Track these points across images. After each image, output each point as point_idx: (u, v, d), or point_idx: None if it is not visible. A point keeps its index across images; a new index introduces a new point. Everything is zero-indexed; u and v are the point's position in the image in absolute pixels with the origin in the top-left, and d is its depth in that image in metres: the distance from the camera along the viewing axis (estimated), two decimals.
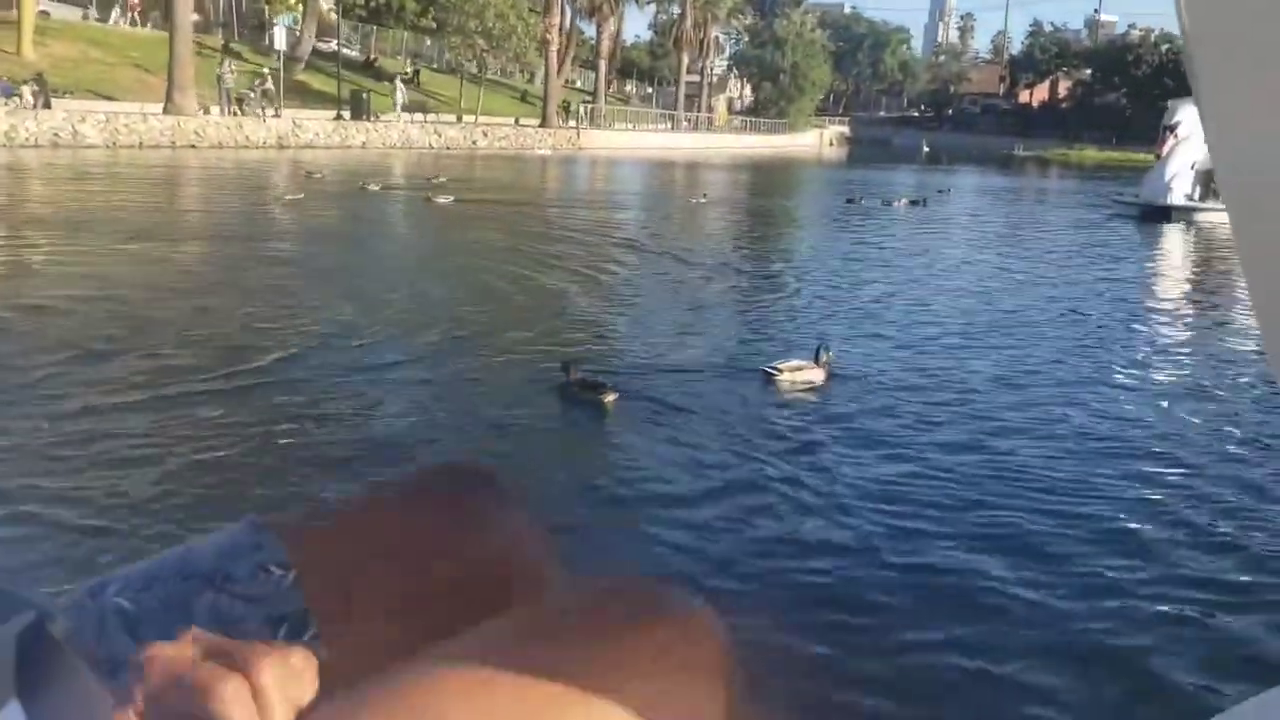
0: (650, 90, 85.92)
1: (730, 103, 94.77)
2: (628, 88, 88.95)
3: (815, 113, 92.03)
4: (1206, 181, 23.57)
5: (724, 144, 66.89)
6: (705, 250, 17.15)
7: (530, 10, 46.94)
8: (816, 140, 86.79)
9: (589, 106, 56.39)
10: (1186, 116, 23.09)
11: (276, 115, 34.25)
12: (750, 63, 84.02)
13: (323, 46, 57.85)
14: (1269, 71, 0.45)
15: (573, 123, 51.02)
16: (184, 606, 0.74)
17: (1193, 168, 23.75)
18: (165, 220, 15.74)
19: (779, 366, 7.92)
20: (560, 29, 68.37)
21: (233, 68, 34.43)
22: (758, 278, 14.41)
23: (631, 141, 54.56)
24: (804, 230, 22.98)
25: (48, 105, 30.81)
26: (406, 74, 54.55)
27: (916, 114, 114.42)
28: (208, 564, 0.79)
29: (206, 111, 32.53)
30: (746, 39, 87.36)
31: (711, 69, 78.94)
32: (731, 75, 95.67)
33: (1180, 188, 24.38)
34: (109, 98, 34.04)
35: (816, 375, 7.96)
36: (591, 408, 7.08)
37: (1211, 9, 0.47)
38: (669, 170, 41.92)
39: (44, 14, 43.35)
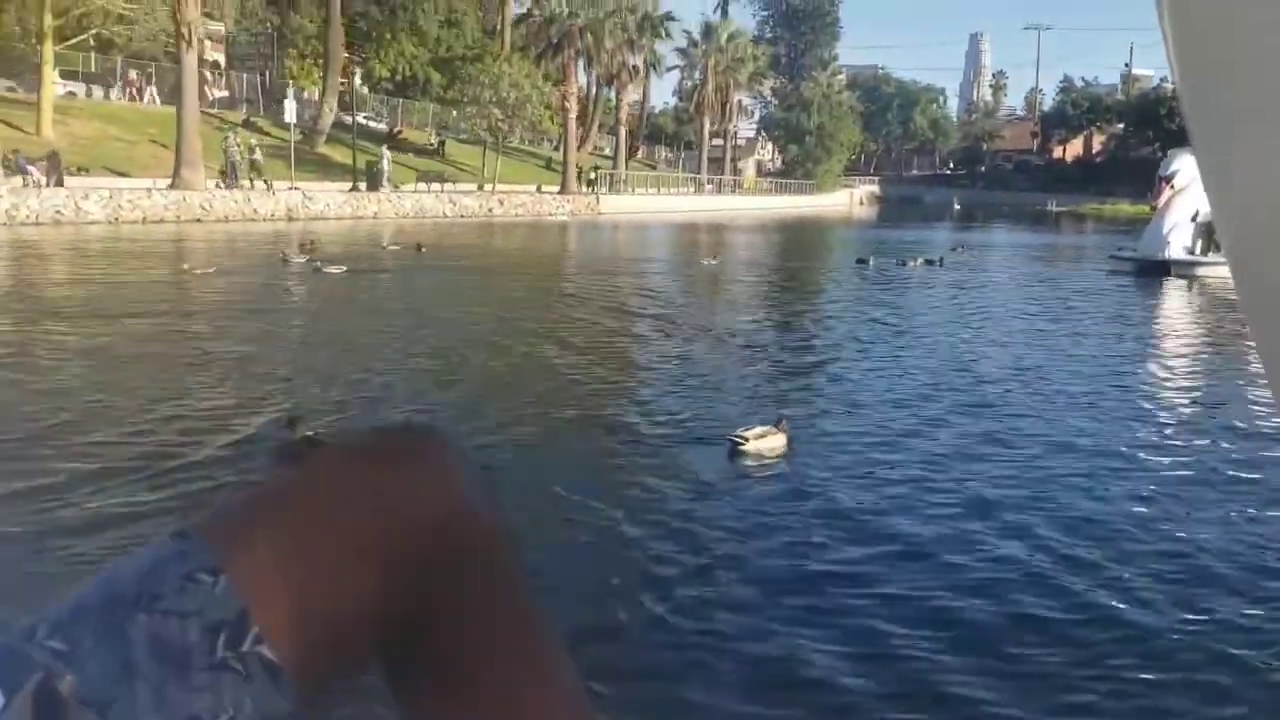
0: (678, 155, 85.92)
1: (759, 165, 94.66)
2: (658, 152, 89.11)
3: (845, 172, 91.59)
4: (1209, 234, 22.25)
5: (750, 206, 66.45)
6: (687, 314, 16.40)
7: (547, 79, 46.93)
8: (847, 200, 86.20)
9: (609, 173, 56.22)
10: (1184, 166, 21.95)
11: (254, 185, 34.03)
12: (778, 125, 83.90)
13: (348, 120, 58.49)
14: (1267, 114, 0.44)
15: (589, 188, 50.77)
16: (118, 637, 0.71)
17: (1194, 219, 22.44)
18: (52, 296, 15.15)
19: (745, 435, 7.74)
20: (588, 98, 68.84)
21: (238, 141, 34.44)
22: (740, 342, 13.63)
23: (653, 205, 54.21)
24: (806, 292, 22.13)
25: (60, 183, 30.90)
26: (432, 144, 54.82)
27: (949, 171, 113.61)
28: (132, 585, 0.74)
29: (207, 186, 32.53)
30: (775, 102, 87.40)
31: (735, 132, 78.80)
32: (760, 138, 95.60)
33: (1179, 240, 23.14)
34: (124, 174, 34.18)
35: (779, 442, 7.88)
36: None
37: (1204, 51, 0.46)
38: (688, 233, 41.38)
39: (70, 94, 44.12)
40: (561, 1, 46.86)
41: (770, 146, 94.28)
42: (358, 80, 63.27)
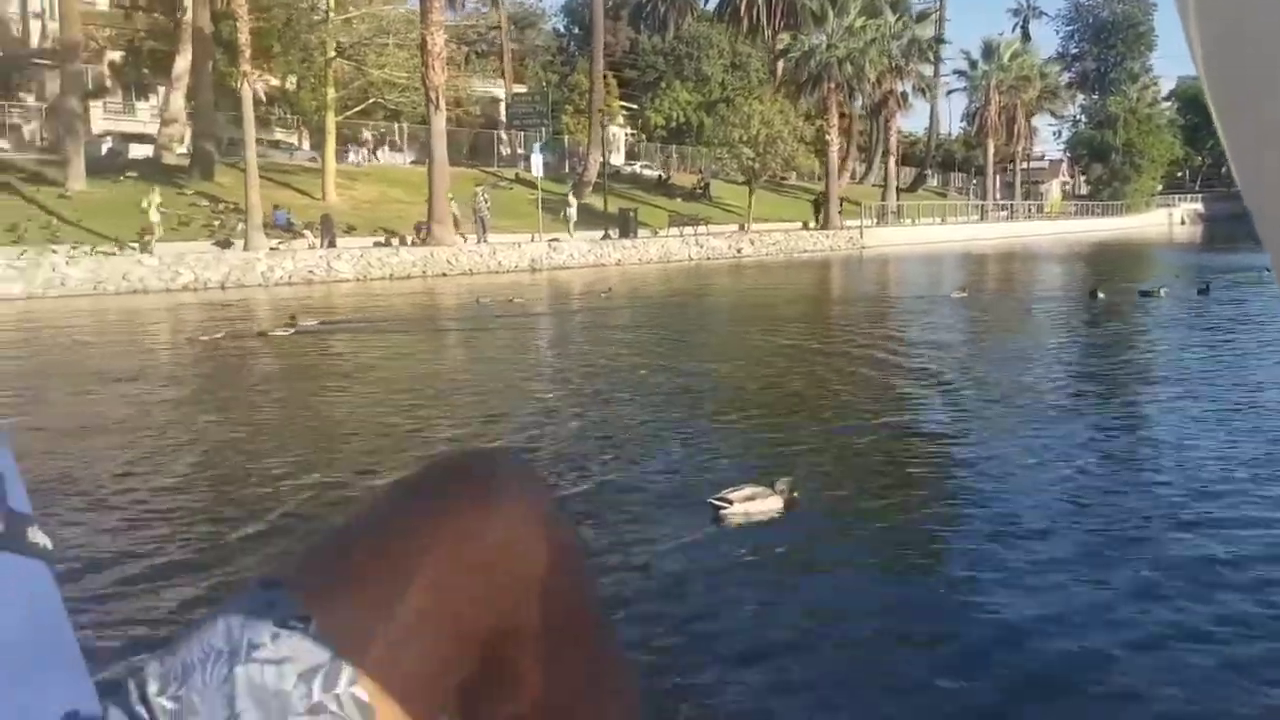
0: (969, 181, 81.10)
1: (1066, 187, 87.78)
2: (953, 179, 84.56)
3: (1166, 190, 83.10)
4: None
5: (1043, 231, 61.37)
6: (845, 350, 14.34)
7: (807, 118, 45.21)
8: (1165, 219, 78.04)
9: (878, 204, 53.53)
10: None
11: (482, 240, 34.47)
12: (1082, 144, 77.36)
13: (626, 169, 59.42)
14: None
15: (857, 222, 48.38)
16: (220, 690, 0.76)
17: None
18: (98, 361, 14.59)
19: (729, 497, 6.53)
20: (871, 129, 66.26)
21: (486, 196, 35.27)
22: (862, 382, 11.59)
23: (927, 236, 50.98)
24: (1004, 329, 19.13)
25: (333, 244, 32.80)
26: (699, 188, 54.52)
27: None
28: (228, 637, 0.78)
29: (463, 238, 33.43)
30: (1084, 120, 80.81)
31: (1028, 154, 73.08)
32: (1064, 159, 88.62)
33: None
34: (394, 233, 35.82)
35: (773, 505, 6.58)
36: None
37: (1232, 56, 0.44)
38: (957, 264, 38.16)
39: (368, 160, 47.39)
40: (820, 34, 45.14)
41: (1074, 168, 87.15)
42: (634, 130, 64.53)
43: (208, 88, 37.25)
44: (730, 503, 6.52)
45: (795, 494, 6.73)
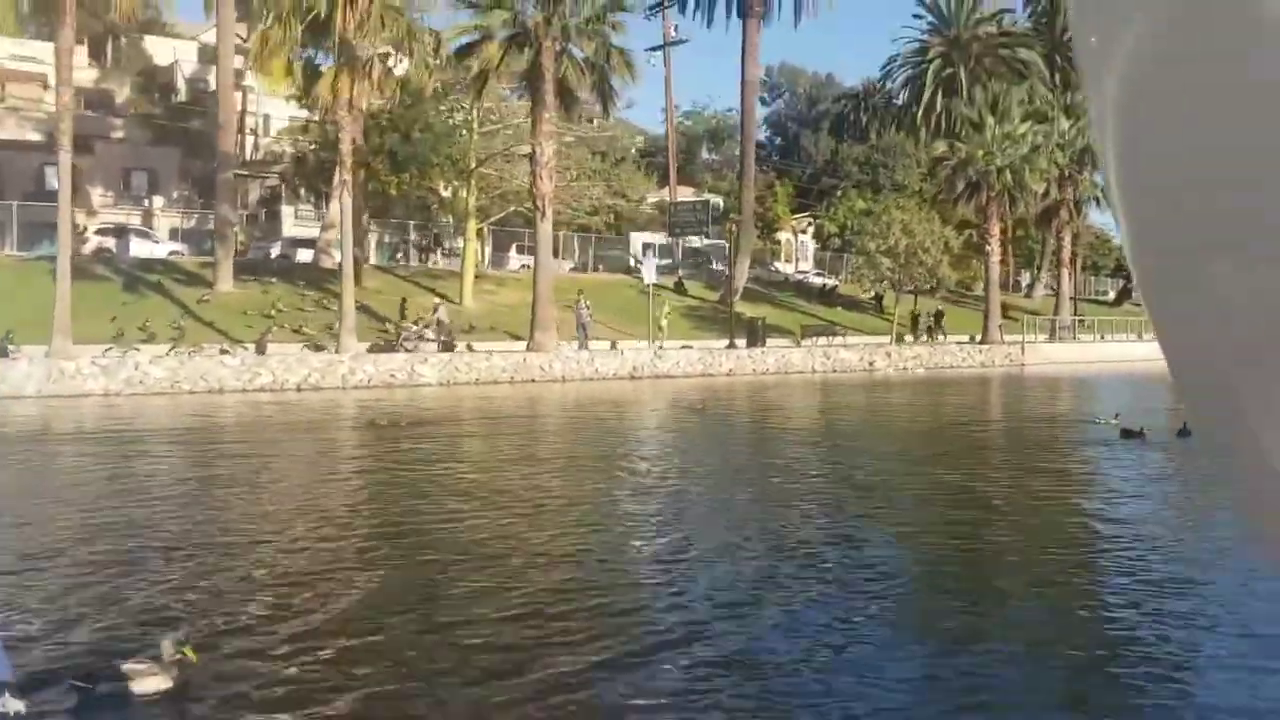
0: None
1: None
2: None
3: None
4: None
5: None
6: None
7: (960, 226, 41.46)
8: None
9: (1049, 319, 48.39)
10: None
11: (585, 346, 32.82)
12: None
13: (795, 277, 57.12)
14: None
15: (1018, 336, 43.64)
16: None
17: None
18: None
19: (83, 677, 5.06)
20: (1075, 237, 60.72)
21: (587, 303, 33.92)
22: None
23: (1098, 354, 45.13)
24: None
25: (450, 348, 32.32)
26: (875, 298, 51.19)
27: None
28: None
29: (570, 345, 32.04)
30: None
31: None
32: None
33: None
34: (519, 338, 35.03)
35: (155, 684, 4.96)
36: None
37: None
38: (1118, 388, 33.19)
39: (525, 267, 47.41)
40: (979, 142, 41.53)
41: None
42: (808, 237, 62.29)
43: (359, 196, 38.17)
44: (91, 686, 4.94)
45: (187, 653, 5.11)
